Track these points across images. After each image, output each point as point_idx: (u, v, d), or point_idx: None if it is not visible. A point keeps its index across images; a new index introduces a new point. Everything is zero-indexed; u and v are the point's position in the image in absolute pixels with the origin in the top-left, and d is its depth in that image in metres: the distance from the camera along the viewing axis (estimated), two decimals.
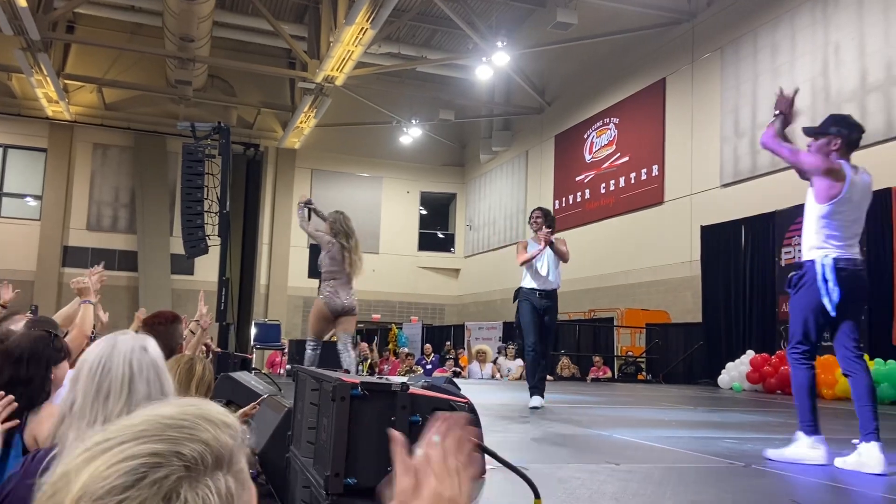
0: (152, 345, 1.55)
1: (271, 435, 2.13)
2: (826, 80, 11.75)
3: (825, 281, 3.76)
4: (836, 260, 3.80)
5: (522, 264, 6.72)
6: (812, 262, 3.88)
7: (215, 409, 0.72)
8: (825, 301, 3.75)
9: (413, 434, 1.67)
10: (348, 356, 6.90)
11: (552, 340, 6.61)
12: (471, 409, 3.07)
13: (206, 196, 10.71)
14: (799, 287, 3.92)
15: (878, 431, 3.56)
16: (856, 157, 10.44)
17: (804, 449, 3.76)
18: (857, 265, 3.91)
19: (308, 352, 6.97)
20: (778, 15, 12.79)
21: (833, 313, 3.77)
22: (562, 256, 6.57)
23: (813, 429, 3.78)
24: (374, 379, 1.59)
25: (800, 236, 11.67)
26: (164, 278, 21.59)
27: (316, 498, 1.47)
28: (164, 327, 3.45)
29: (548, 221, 6.62)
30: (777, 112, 4.26)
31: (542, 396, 6.51)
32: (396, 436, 0.86)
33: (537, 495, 1.78)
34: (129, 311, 19.68)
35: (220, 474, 0.67)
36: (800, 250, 10.92)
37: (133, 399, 1.44)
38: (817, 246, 3.88)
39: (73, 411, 1.46)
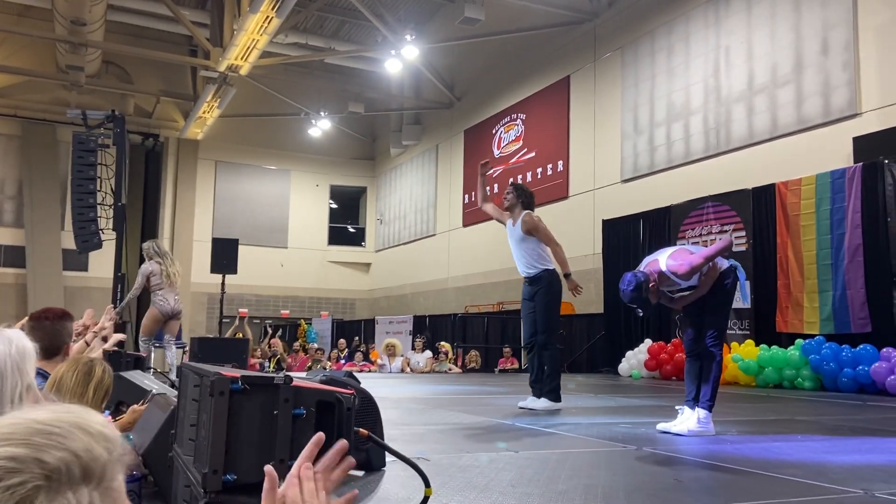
0: (16, 336, 1.46)
1: (156, 434, 2.06)
2: (717, 81, 12.37)
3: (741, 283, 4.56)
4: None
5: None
6: (736, 266, 4.57)
7: (95, 419, 0.68)
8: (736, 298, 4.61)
9: (296, 427, 1.65)
10: (171, 354, 8.08)
11: (542, 328, 5.77)
12: (369, 400, 3.06)
13: (99, 188, 10.21)
14: (727, 288, 4.53)
15: (695, 400, 4.48)
16: (741, 155, 11.24)
17: (703, 422, 4.40)
18: None
19: (143, 346, 8.00)
20: (673, 17, 13.35)
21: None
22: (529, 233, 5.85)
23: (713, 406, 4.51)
24: (256, 373, 1.55)
25: (693, 229, 12.15)
26: (56, 275, 20.41)
27: (195, 496, 1.43)
28: (49, 323, 3.25)
29: (519, 195, 5.99)
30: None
31: (539, 397, 5.79)
32: (269, 471, 0.88)
33: (427, 484, 1.79)
34: (17, 310, 18.51)
35: (86, 489, 0.62)
36: (694, 242, 11.42)
37: None
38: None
39: None
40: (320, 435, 0.97)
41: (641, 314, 4.66)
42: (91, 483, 0.62)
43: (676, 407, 4.73)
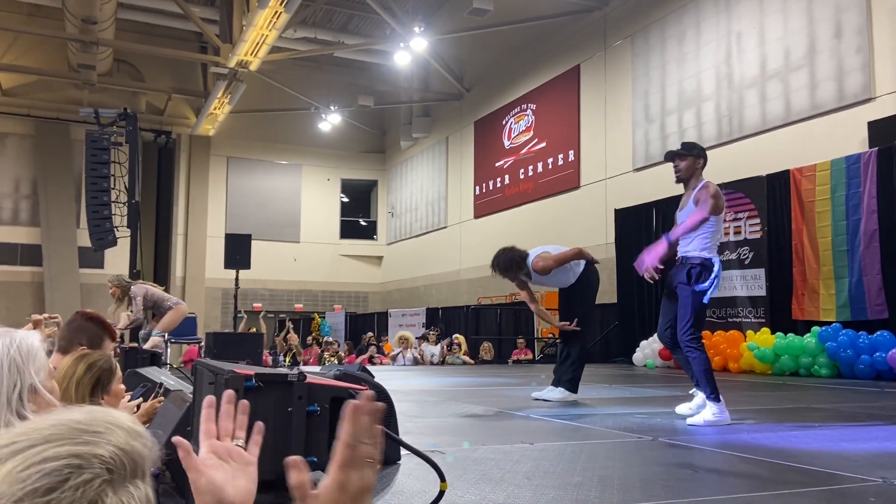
0: (23, 336, 1.46)
1: (172, 430, 2.07)
2: (729, 68, 12.25)
3: (717, 277, 4.53)
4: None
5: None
6: (715, 259, 4.57)
7: (124, 417, 0.69)
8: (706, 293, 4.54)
9: (311, 423, 1.66)
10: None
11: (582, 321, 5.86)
12: (383, 394, 3.07)
13: (113, 186, 10.29)
14: (705, 281, 4.51)
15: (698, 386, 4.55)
16: (754, 141, 11.13)
17: (717, 413, 4.39)
18: None
19: (157, 340, 7.85)
20: (684, 4, 13.23)
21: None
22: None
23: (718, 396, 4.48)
24: (270, 370, 1.56)
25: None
26: (72, 273, 20.60)
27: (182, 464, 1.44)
28: (94, 325, 3.18)
29: (508, 271, 5.96)
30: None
31: (557, 386, 5.84)
32: (178, 441, 0.86)
33: (442, 479, 1.80)
34: (33, 307, 18.70)
35: (140, 482, 0.64)
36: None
37: None
38: (710, 247, 4.58)
39: None
40: (209, 397, 0.96)
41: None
42: (139, 477, 0.65)
43: (690, 391, 4.74)
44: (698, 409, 4.57)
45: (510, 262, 5.89)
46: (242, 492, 0.89)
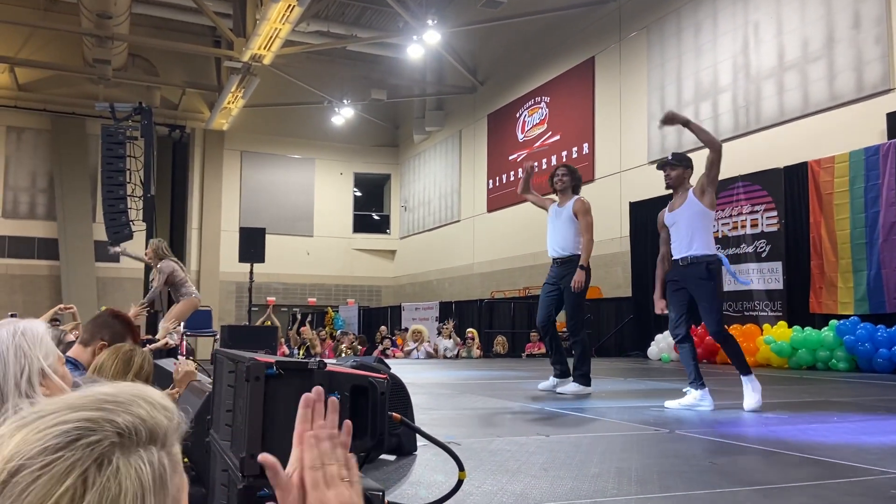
0: (27, 323, 1.48)
1: (193, 419, 2.08)
2: (746, 59, 12.13)
3: (727, 267, 4.98)
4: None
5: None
6: (720, 256, 4.91)
7: (153, 392, 0.73)
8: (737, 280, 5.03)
9: None
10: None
11: (571, 314, 5.91)
12: (399, 385, 3.07)
13: (128, 180, 10.36)
14: (716, 276, 4.86)
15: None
16: (771, 133, 11.19)
17: (755, 395, 4.72)
18: None
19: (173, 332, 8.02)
20: None
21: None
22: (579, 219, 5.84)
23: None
24: (289, 359, 1.56)
25: (723, 210, 12.02)
26: (89, 266, 20.77)
27: (233, 480, 1.44)
28: (119, 322, 3.22)
29: (573, 178, 6.04)
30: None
31: (557, 377, 5.92)
32: (265, 459, 0.87)
33: (461, 468, 1.79)
34: (51, 301, 18.89)
35: (154, 449, 0.67)
36: (724, 224, 11.27)
37: None
38: (712, 243, 4.91)
39: None
40: (307, 395, 0.95)
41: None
42: (156, 444, 0.67)
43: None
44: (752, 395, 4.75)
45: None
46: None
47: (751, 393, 4.71)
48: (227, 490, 1.52)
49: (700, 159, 5.04)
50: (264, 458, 0.86)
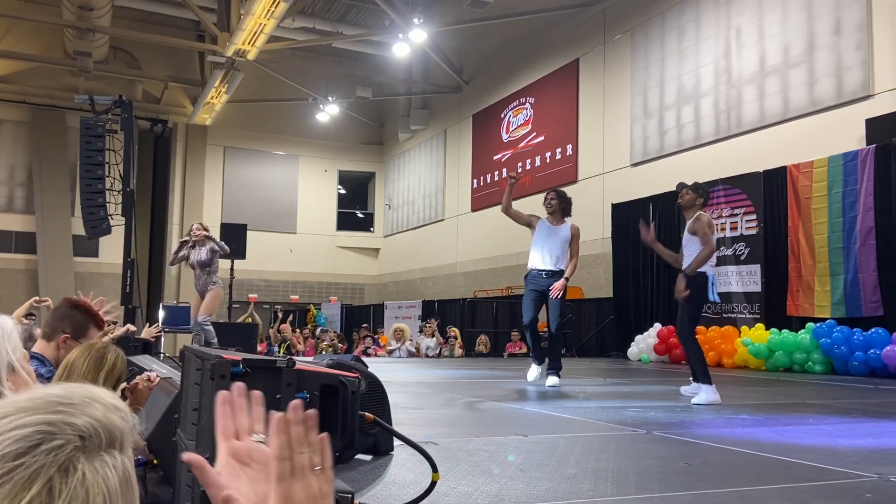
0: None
1: (160, 419, 2.05)
2: (728, 63, 12.22)
3: (713, 285, 5.55)
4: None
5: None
6: (708, 273, 5.54)
7: (104, 392, 0.69)
8: (710, 297, 5.57)
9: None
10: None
11: (556, 316, 6.78)
12: (376, 384, 3.05)
13: (108, 174, 10.23)
14: (699, 290, 5.50)
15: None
16: (752, 137, 11.51)
17: (711, 394, 5.18)
18: None
19: (210, 329, 8.10)
20: None
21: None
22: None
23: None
24: (258, 356, 1.53)
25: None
26: (67, 261, 20.50)
27: (198, 481, 1.41)
28: (80, 313, 3.15)
29: (562, 202, 6.86)
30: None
31: (540, 364, 6.85)
32: (190, 458, 0.80)
33: (435, 469, 1.78)
34: (27, 295, 18.60)
35: (116, 453, 0.64)
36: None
37: None
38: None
39: None
40: (223, 392, 0.89)
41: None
42: (117, 448, 0.65)
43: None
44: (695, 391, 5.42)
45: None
46: (262, 498, 0.85)
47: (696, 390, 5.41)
48: (191, 490, 1.49)
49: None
50: (189, 457, 0.80)
